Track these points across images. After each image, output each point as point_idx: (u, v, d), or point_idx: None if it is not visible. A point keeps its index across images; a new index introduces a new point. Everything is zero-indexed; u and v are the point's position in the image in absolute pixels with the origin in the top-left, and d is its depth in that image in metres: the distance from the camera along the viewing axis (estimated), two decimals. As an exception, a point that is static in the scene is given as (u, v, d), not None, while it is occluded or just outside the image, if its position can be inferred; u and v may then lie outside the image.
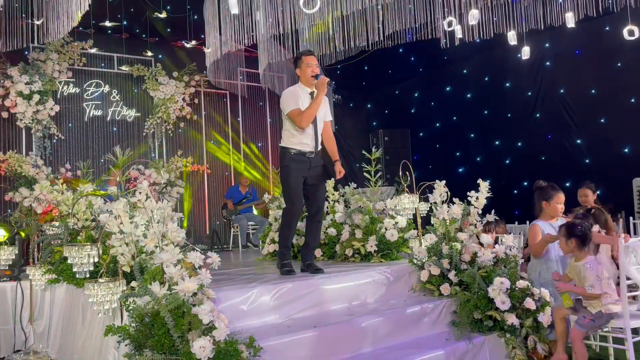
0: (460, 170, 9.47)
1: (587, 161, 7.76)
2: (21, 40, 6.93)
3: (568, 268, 3.66)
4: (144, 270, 2.97)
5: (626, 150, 7.42)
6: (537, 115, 8.38)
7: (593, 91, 7.73)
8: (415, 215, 4.78)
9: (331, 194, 5.60)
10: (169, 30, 9.37)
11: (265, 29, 6.40)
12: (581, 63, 7.82)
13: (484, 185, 4.41)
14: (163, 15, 8.11)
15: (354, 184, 5.66)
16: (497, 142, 8.95)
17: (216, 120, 10.31)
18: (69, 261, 3.20)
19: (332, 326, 3.37)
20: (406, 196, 4.60)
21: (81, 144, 8.88)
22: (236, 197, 8.85)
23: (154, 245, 2.86)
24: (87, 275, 3.21)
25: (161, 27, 9.14)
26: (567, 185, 7.65)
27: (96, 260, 3.21)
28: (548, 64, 8.23)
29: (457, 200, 4.46)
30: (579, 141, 7.90)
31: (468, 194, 4.42)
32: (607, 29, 7.49)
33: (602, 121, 7.67)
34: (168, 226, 2.88)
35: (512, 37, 6.95)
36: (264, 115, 10.89)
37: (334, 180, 5.41)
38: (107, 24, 8.16)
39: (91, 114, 9.05)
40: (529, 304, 3.75)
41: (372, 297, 4.03)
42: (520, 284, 3.82)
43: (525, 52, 7.35)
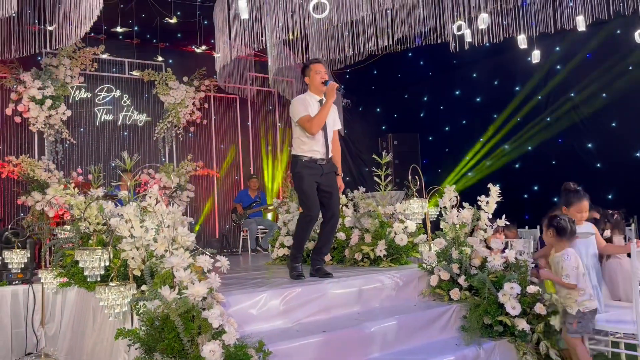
0: (470, 174, 9.43)
1: (598, 165, 7.70)
2: (34, 46, 7.01)
3: (549, 258, 3.72)
4: (154, 274, 2.99)
5: (638, 154, 7.35)
6: (548, 119, 8.33)
7: (604, 95, 7.67)
8: (424, 219, 4.77)
9: (347, 199, 5.60)
10: (179, 35, 9.44)
11: (275, 33, 6.43)
12: (592, 66, 7.77)
13: (494, 190, 4.39)
14: (173, 20, 8.17)
15: (363, 188, 5.66)
16: (506, 146, 8.90)
17: (226, 125, 10.36)
18: (80, 265, 3.22)
19: (341, 331, 3.36)
20: (416, 200, 4.59)
21: (92, 149, 8.97)
22: (245, 201, 8.87)
23: (164, 249, 2.87)
24: (98, 279, 3.23)
25: (171, 32, 9.21)
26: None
27: (107, 264, 3.23)
28: (558, 67, 8.19)
29: (466, 205, 4.44)
30: (590, 145, 7.84)
31: (478, 198, 4.40)
32: (618, 32, 7.44)
33: (613, 125, 7.61)
34: (178, 230, 2.89)
35: (522, 41, 6.92)
36: (274, 120, 10.92)
37: None
38: (119, 29, 8.24)
39: (102, 119, 9.14)
40: (539, 309, 3.73)
41: (381, 302, 4.01)
42: (531, 289, 3.79)
43: (536, 56, 7.32)
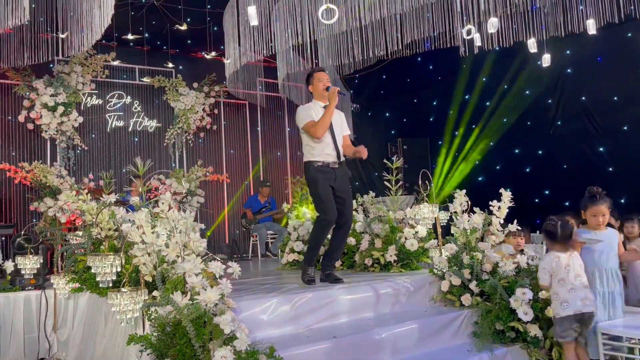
0: (480, 178, 9.38)
1: (610, 169, 7.63)
2: (46, 54, 7.10)
3: None
4: (165, 279, 3.00)
5: (651, 158, 7.27)
6: (559, 123, 8.27)
7: (615, 98, 7.60)
8: (435, 224, 4.75)
9: (358, 204, 5.59)
10: (189, 42, 9.51)
11: (284, 39, 6.46)
12: (603, 70, 7.70)
13: (506, 195, 4.37)
14: (184, 27, 8.23)
15: (372, 192, 5.65)
16: (516, 151, 8.85)
17: (236, 130, 10.41)
18: (92, 270, 3.25)
19: (352, 336, 3.35)
20: (426, 205, 4.58)
21: (104, 155, 9.04)
22: (255, 207, 8.89)
23: (176, 255, 2.89)
24: (110, 285, 3.24)
25: (182, 39, 9.27)
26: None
27: (119, 269, 3.25)
28: (569, 71, 8.13)
29: (477, 210, 4.42)
30: (601, 149, 7.77)
31: (490, 203, 4.38)
32: (629, 35, 7.38)
33: (625, 128, 7.54)
34: (190, 236, 2.91)
35: (532, 45, 6.88)
36: (283, 125, 10.95)
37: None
38: (129, 36, 8.31)
39: (113, 125, 9.21)
40: (551, 314, 3.69)
41: (392, 308, 4.00)
42: (543, 294, 3.76)
43: (546, 60, 7.28)
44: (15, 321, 4.65)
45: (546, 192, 8.30)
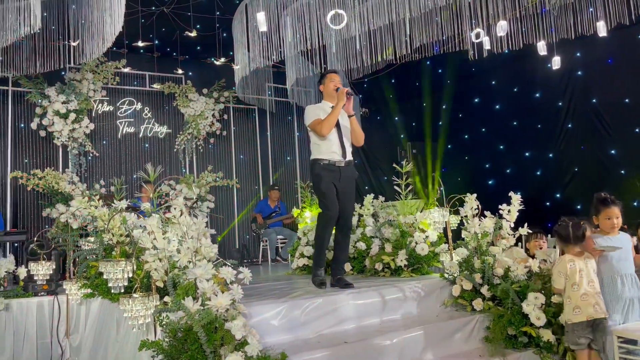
0: (490, 182, 9.33)
1: (622, 172, 7.56)
2: (58, 61, 7.18)
3: None
4: (176, 285, 3.01)
5: (663, 160, 7.20)
6: (569, 126, 8.22)
7: (627, 100, 7.54)
8: (445, 228, 4.73)
9: (367, 208, 5.59)
10: (198, 48, 9.58)
11: (293, 45, 6.48)
12: (614, 72, 7.64)
13: (516, 198, 4.35)
14: (193, 34, 8.29)
15: (382, 197, 5.64)
16: (527, 154, 8.79)
17: (245, 135, 10.45)
18: (104, 276, 3.27)
19: (363, 342, 3.34)
20: (436, 209, 4.56)
21: (114, 161, 9.11)
22: (265, 211, 8.91)
23: (188, 261, 2.90)
24: (122, 290, 3.26)
25: (191, 45, 9.34)
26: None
27: (130, 275, 3.27)
28: (579, 73, 8.08)
29: (488, 214, 4.39)
30: (613, 152, 7.69)
31: (500, 207, 4.35)
32: (639, 37, 7.33)
33: (636, 131, 7.46)
34: (201, 242, 2.92)
35: (541, 48, 6.85)
36: (292, 130, 10.97)
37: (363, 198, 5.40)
38: (140, 43, 8.38)
39: (124, 131, 9.29)
40: (565, 319, 3.66)
41: (402, 313, 3.99)
42: (556, 298, 3.73)
43: (556, 62, 7.23)
44: (28, 327, 4.68)
45: (557, 195, 8.23)
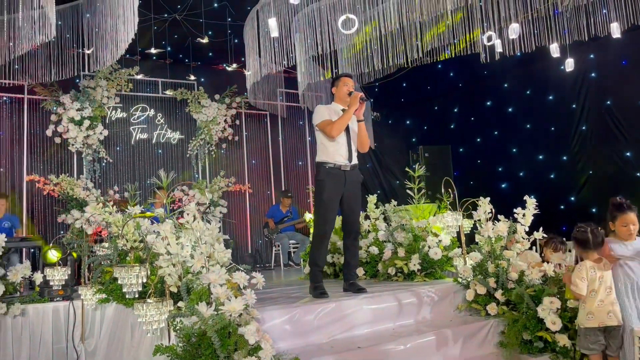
0: (503, 186, 9.26)
1: (638, 174, 7.46)
2: (72, 69, 7.29)
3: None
4: (190, 290, 3.03)
5: (680, 162, 7.10)
6: (583, 128, 8.13)
7: (642, 101, 7.46)
8: (458, 233, 4.70)
9: (372, 211, 5.58)
10: (210, 54, 9.65)
11: (304, 50, 6.51)
12: (628, 73, 7.56)
13: (530, 202, 4.31)
14: (205, 40, 8.36)
15: (394, 201, 5.63)
16: (540, 157, 8.71)
17: (257, 140, 10.49)
18: (119, 281, 3.29)
19: (377, 347, 3.33)
20: (449, 213, 4.53)
21: (128, 167, 9.19)
22: (277, 216, 8.92)
23: (201, 266, 2.91)
24: (136, 296, 3.28)
25: (203, 51, 9.41)
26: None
27: (144, 280, 3.29)
28: (593, 75, 8.00)
29: (502, 217, 4.36)
30: (628, 154, 7.60)
31: (514, 210, 4.32)
32: (654, 37, 7.24)
33: (652, 132, 7.38)
34: (215, 247, 2.93)
35: (554, 50, 6.80)
36: (304, 135, 11.00)
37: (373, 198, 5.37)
38: (152, 50, 8.47)
39: (137, 138, 9.38)
40: (581, 324, 3.61)
41: (416, 317, 3.96)
42: (572, 303, 3.68)
43: (569, 64, 7.17)
44: (44, 332, 4.72)
45: (572, 198, 8.15)
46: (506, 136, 9.24)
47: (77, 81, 8.75)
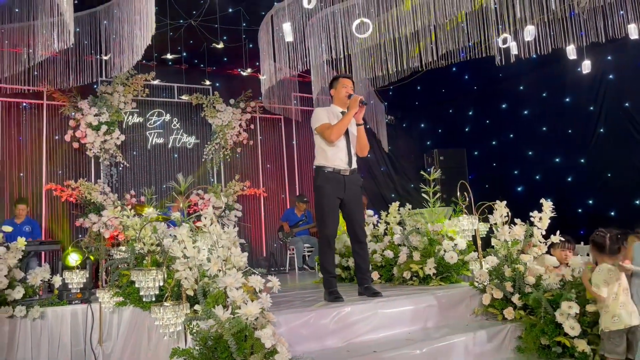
0: (519, 189, 9.18)
1: (657, 177, 7.36)
2: (90, 75, 7.40)
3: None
4: (206, 294, 3.04)
5: (701, 165, 6.98)
6: (601, 131, 8.04)
7: (661, 103, 7.36)
8: (474, 236, 4.67)
9: (393, 216, 5.56)
10: (225, 59, 9.72)
11: (318, 54, 6.53)
12: (647, 75, 7.47)
13: (547, 205, 4.27)
14: (220, 45, 8.43)
15: (409, 204, 5.61)
16: (557, 160, 8.63)
17: (271, 145, 10.54)
18: (136, 285, 3.33)
19: (393, 351, 3.31)
20: (465, 217, 4.50)
21: (144, 171, 9.28)
22: (292, 220, 8.94)
23: (218, 270, 2.93)
24: (153, 299, 3.31)
25: (218, 56, 9.49)
26: (638, 202, 7.26)
27: (161, 284, 3.31)
28: (611, 77, 7.91)
29: (518, 221, 4.33)
30: (647, 156, 7.50)
31: (531, 214, 4.28)
32: (673, 38, 7.13)
33: (672, 134, 7.27)
34: (231, 251, 2.95)
35: (571, 52, 6.74)
36: (318, 139, 10.99)
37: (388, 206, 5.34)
38: (168, 56, 8.56)
39: (153, 142, 9.47)
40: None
41: (432, 322, 3.94)
42: (591, 307, 3.63)
43: (586, 66, 7.09)
44: (63, 334, 4.78)
45: (590, 201, 8.05)
46: (522, 139, 9.17)
47: (95, 87, 8.88)
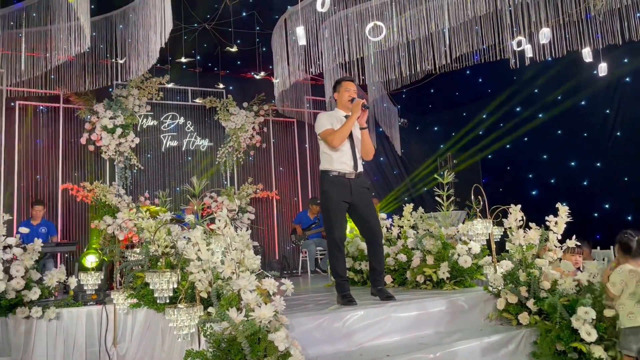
0: (533, 193, 9.09)
1: (676, 181, 7.25)
2: (106, 78, 7.49)
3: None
4: (220, 296, 3.05)
5: None
6: (618, 134, 7.94)
7: (679, 106, 7.25)
8: (488, 240, 4.63)
9: (407, 219, 5.54)
10: (239, 62, 9.77)
11: (332, 57, 6.54)
12: (665, 77, 7.37)
13: (563, 210, 4.22)
14: (234, 49, 8.48)
15: (422, 208, 5.58)
16: (572, 163, 8.53)
17: (284, 148, 10.56)
18: (150, 287, 3.35)
19: (405, 355, 3.29)
20: (479, 221, 4.47)
21: (158, 174, 9.36)
22: (305, 223, 8.95)
23: (231, 272, 2.94)
24: (167, 301, 3.33)
25: (232, 60, 9.55)
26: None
27: (175, 286, 3.33)
28: (628, 80, 7.82)
29: (533, 225, 4.28)
30: (666, 160, 7.39)
31: (546, 218, 4.24)
32: (692, 40, 7.03)
33: (691, 138, 7.16)
34: (245, 253, 2.96)
35: (587, 54, 6.66)
36: (331, 142, 10.99)
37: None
38: (183, 59, 8.64)
39: (167, 145, 9.55)
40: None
41: (446, 326, 3.91)
42: (609, 312, 3.59)
43: (602, 69, 7.01)
44: (78, 335, 4.83)
45: (606, 206, 7.95)
46: (537, 142, 9.09)
47: (110, 90, 8.97)
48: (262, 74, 9.58)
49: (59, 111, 8.80)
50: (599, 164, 8.16)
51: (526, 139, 9.31)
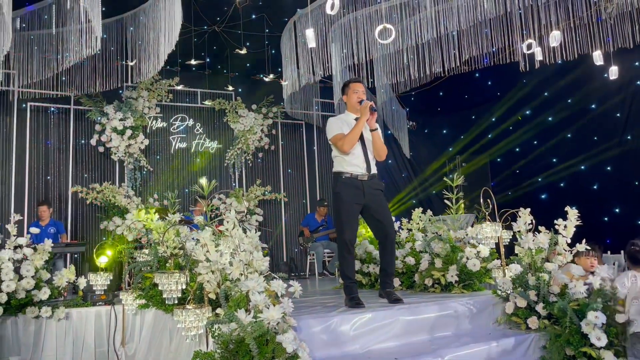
0: (543, 196, 9.04)
1: (687, 186, 7.18)
2: (116, 80, 7.55)
3: None
4: (228, 297, 3.06)
5: None
6: (629, 137, 7.88)
7: (692, 110, 7.18)
8: (497, 244, 4.60)
9: (415, 222, 5.52)
10: (248, 65, 9.81)
11: (341, 59, 6.55)
12: (676, 81, 7.31)
13: (572, 213, 4.19)
14: (243, 51, 8.51)
15: (430, 211, 5.56)
16: (582, 167, 8.48)
17: (293, 150, 10.58)
18: (159, 287, 3.36)
19: (413, 359, 3.28)
20: (488, 224, 4.44)
21: (167, 175, 9.40)
22: (312, 225, 8.95)
23: (239, 273, 2.94)
24: (176, 302, 3.34)
25: (241, 62, 9.58)
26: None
27: (184, 287, 3.34)
28: (639, 83, 7.76)
29: (542, 229, 4.26)
30: (677, 164, 7.33)
31: (556, 222, 4.21)
32: None
33: (703, 142, 7.09)
34: (253, 255, 2.96)
35: (597, 57, 6.62)
36: (339, 144, 10.99)
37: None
38: (192, 61, 8.68)
39: (177, 147, 9.60)
40: (628, 341, 3.49)
41: (454, 330, 3.89)
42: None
43: (613, 72, 6.96)
44: (87, 335, 4.86)
45: (616, 210, 7.88)
46: (546, 146, 9.04)
47: (120, 92, 9.04)
48: (271, 76, 9.60)
49: (69, 112, 8.87)
50: (609, 168, 8.10)
51: (535, 142, 9.27)
